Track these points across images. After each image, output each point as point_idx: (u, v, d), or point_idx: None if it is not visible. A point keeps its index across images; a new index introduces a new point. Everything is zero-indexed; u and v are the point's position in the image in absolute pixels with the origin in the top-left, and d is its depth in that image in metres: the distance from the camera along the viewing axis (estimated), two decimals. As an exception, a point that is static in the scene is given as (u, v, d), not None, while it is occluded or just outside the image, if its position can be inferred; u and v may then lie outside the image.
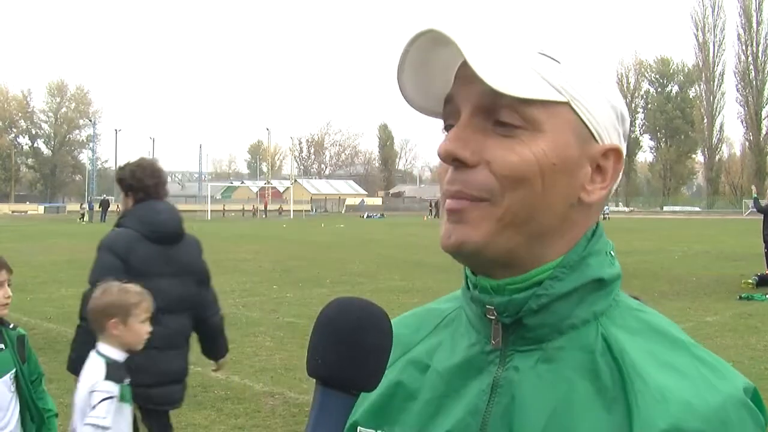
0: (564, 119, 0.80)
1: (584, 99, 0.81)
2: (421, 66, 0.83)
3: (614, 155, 0.84)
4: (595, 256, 0.84)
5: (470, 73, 0.77)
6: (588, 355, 0.80)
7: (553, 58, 0.82)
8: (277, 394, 6.53)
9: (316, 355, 0.75)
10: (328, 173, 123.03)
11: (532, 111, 0.79)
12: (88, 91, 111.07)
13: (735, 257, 20.04)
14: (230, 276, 15.88)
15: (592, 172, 0.83)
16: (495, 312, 0.83)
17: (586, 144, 0.82)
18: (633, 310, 0.85)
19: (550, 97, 0.79)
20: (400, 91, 0.85)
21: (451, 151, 0.80)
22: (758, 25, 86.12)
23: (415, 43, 0.80)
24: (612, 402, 0.77)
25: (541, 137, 0.79)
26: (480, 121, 0.81)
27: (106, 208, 53.92)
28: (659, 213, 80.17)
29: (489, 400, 0.82)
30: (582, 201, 0.82)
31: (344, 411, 0.74)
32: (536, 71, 0.80)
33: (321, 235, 33.40)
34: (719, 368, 0.79)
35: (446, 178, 0.82)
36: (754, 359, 7.81)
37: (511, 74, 0.78)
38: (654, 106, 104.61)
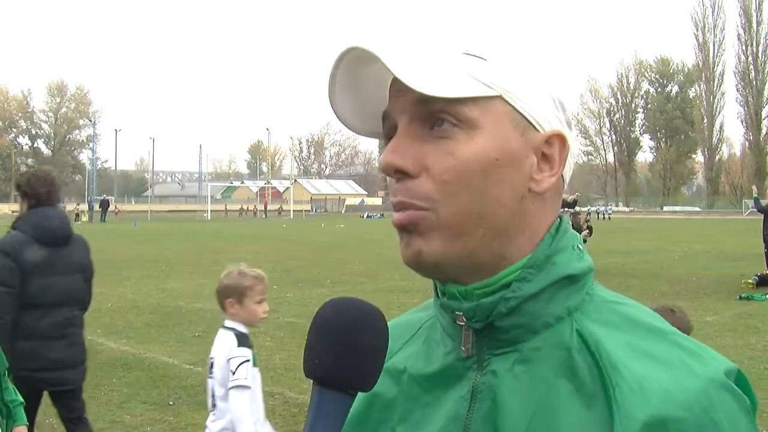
0: (499, 112, 0.79)
1: (516, 90, 0.80)
2: (353, 86, 0.83)
3: (558, 141, 0.82)
4: (561, 253, 0.82)
5: (400, 85, 0.77)
6: (564, 352, 0.79)
7: (479, 56, 0.81)
8: (277, 394, 6.53)
9: (313, 356, 0.74)
10: (328, 173, 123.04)
11: (465, 110, 0.78)
12: (88, 91, 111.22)
13: (735, 257, 20.03)
14: (230, 276, 15.90)
15: (538, 161, 0.81)
16: (464, 318, 0.82)
17: (526, 134, 0.80)
18: (608, 302, 0.84)
19: (480, 93, 0.78)
20: (336, 115, 0.84)
21: (390, 163, 0.79)
22: (758, 25, 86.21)
23: (341, 64, 0.80)
24: (591, 398, 0.76)
25: (477, 134, 0.78)
26: (417, 129, 0.80)
27: (106, 208, 53.96)
28: (659, 213, 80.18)
29: (470, 406, 0.81)
30: (532, 191, 0.81)
31: (342, 411, 0.74)
32: (464, 71, 0.79)
33: (321, 235, 33.41)
34: (699, 353, 0.78)
35: (390, 191, 0.82)
36: (754, 359, 7.81)
37: (437, 77, 0.77)
38: (654, 106, 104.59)
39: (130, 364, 7.60)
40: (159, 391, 6.61)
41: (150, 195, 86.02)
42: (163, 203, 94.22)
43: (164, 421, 5.81)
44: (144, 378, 7.08)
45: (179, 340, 8.84)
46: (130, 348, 8.41)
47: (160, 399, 6.37)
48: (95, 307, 12.21)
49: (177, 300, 12.23)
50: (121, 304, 11.75)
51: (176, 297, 12.61)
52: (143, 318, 10.46)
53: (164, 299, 12.36)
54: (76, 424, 4.56)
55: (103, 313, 10.84)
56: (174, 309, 11.30)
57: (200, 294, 13.06)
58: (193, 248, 24.13)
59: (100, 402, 6.29)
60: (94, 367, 7.52)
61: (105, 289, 13.52)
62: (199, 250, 23.07)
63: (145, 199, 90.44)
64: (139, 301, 12.12)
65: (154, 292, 13.18)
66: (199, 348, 8.32)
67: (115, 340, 8.82)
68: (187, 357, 7.92)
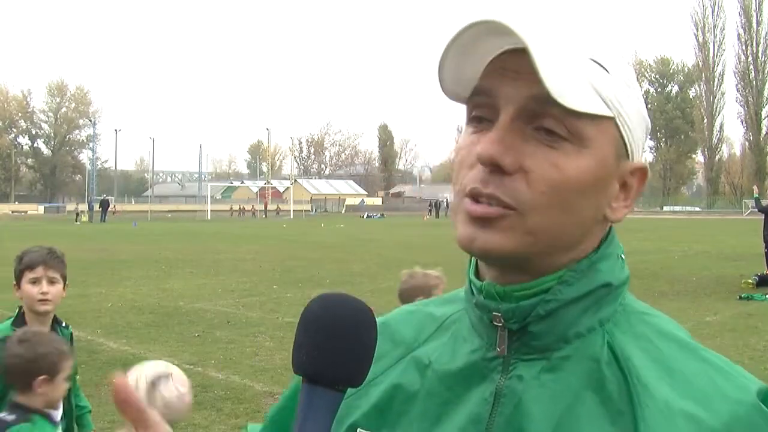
0: (608, 135, 0.77)
1: (627, 115, 0.78)
2: (464, 52, 0.78)
3: (640, 173, 0.82)
4: (605, 260, 0.82)
5: (516, 68, 0.75)
6: (593, 364, 0.78)
7: (604, 67, 0.78)
8: (277, 394, 6.52)
9: (301, 352, 0.74)
10: (328, 173, 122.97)
11: (581, 124, 0.75)
12: (88, 91, 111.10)
13: (735, 257, 20.04)
14: (230, 276, 15.89)
15: (618, 189, 0.81)
16: (502, 318, 0.81)
17: (620, 161, 0.79)
18: (639, 314, 0.83)
19: (601, 111, 0.76)
20: (438, 71, 0.80)
21: (493, 156, 0.75)
22: (758, 25, 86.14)
23: (470, 30, 0.75)
24: (617, 414, 0.75)
25: (585, 153, 0.76)
26: (521, 124, 0.76)
27: (106, 208, 53.89)
28: (659, 213, 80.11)
29: (492, 409, 0.80)
30: (606, 218, 0.81)
31: (331, 407, 0.73)
32: (588, 80, 0.76)
33: (321, 235, 33.39)
34: (729, 372, 0.77)
35: (476, 176, 0.78)
36: (754, 359, 7.81)
37: (567, 81, 0.73)
38: (654, 106, 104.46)
39: (130, 364, 7.53)
40: (159, 391, 6.59)
41: (150, 195, 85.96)
42: (163, 203, 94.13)
43: (164, 421, 5.80)
44: (144, 378, 7.07)
45: (179, 340, 8.83)
46: (130, 348, 8.40)
47: (160, 399, 6.36)
48: (95, 307, 12.32)
49: (177, 300, 12.23)
50: (121, 304, 11.74)
51: (176, 297, 12.61)
52: (143, 318, 10.46)
53: (164, 299, 12.36)
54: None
55: (103, 313, 10.84)
56: (174, 309, 11.30)
57: (200, 294, 13.06)
58: (193, 248, 24.11)
59: (100, 402, 6.28)
60: (94, 367, 7.53)
61: (105, 289, 13.54)
62: (199, 250, 23.06)
63: (145, 199, 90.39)
64: (139, 301, 12.12)
65: (154, 292, 13.17)
66: (199, 348, 8.32)
67: (115, 340, 8.81)
68: (187, 357, 7.91)
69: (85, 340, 8.79)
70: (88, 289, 13.51)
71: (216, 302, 12.04)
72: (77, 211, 53.86)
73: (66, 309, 11.14)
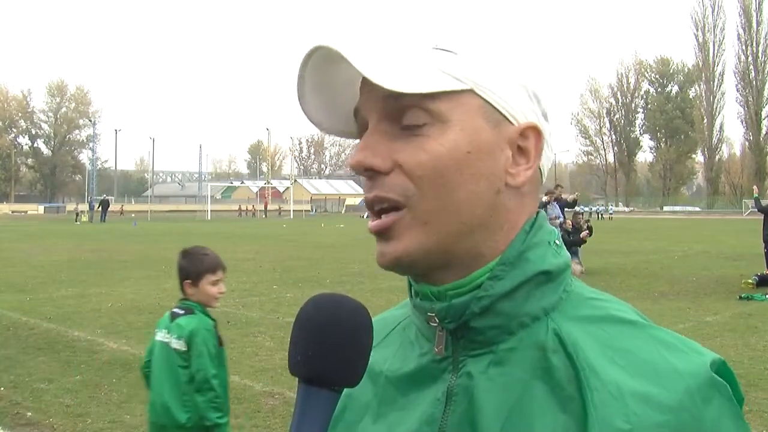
0: (470, 106, 0.78)
1: (488, 83, 0.79)
2: (323, 87, 0.82)
3: (533, 133, 0.81)
4: (534, 249, 0.80)
5: (369, 83, 0.76)
6: (540, 353, 0.77)
7: (449, 51, 0.80)
8: (277, 394, 6.52)
9: (296, 353, 0.74)
10: (328, 173, 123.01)
11: (436, 104, 0.77)
12: (88, 91, 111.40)
13: (735, 257, 20.01)
14: (230, 276, 15.79)
15: (513, 154, 0.80)
16: (437, 319, 0.80)
17: (500, 127, 0.79)
18: (586, 299, 0.82)
19: (450, 87, 0.77)
20: (306, 116, 0.83)
21: (361, 161, 0.77)
22: (758, 25, 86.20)
23: (309, 64, 0.78)
24: (567, 401, 0.74)
25: (449, 128, 0.77)
26: (388, 126, 0.78)
27: (106, 208, 53.88)
28: (659, 213, 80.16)
29: (444, 409, 0.79)
30: (509, 185, 0.79)
31: (328, 408, 0.73)
32: (434, 66, 0.78)
33: (321, 235, 33.40)
34: (680, 347, 0.76)
35: (364, 188, 0.81)
36: (754, 359, 7.79)
37: (407, 73, 0.76)
38: (654, 106, 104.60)
39: (130, 364, 7.59)
40: (159, 391, 6.59)
41: (150, 195, 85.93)
42: (163, 203, 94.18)
43: (164, 421, 5.80)
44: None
45: (179, 340, 8.81)
46: (130, 348, 8.40)
47: (160, 399, 6.36)
48: (95, 307, 12.31)
49: (177, 300, 12.21)
50: (121, 304, 11.74)
51: (176, 297, 12.49)
52: (143, 318, 10.45)
53: (164, 299, 12.34)
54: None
55: (103, 313, 10.83)
56: (174, 309, 11.29)
57: (200, 294, 13.05)
58: (193, 248, 24.06)
59: (100, 402, 6.29)
60: (94, 367, 7.52)
61: (105, 289, 13.53)
62: (199, 250, 23.01)
63: (145, 199, 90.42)
64: (139, 301, 12.10)
65: (154, 292, 13.16)
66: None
67: (115, 340, 8.81)
68: (187, 357, 7.90)
69: (85, 340, 8.79)
70: (88, 289, 13.51)
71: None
72: (77, 211, 53.86)
73: (66, 309, 11.17)
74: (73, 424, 5.68)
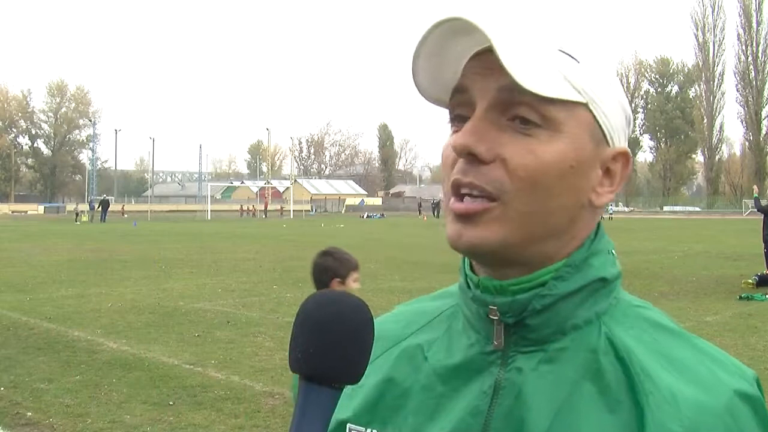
0: (582, 120, 0.80)
1: (601, 100, 0.81)
2: (436, 54, 0.81)
3: (623, 159, 0.84)
4: (597, 256, 0.83)
5: (489, 65, 0.76)
6: (591, 355, 0.80)
7: (573, 57, 0.80)
8: (277, 394, 6.53)
9: (296, 350, 0.74)
10: (328, 173, 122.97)
11: (553, 110, 0.77)
12: (88, 91, 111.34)
13: (735, 257, 20.03)
14: (230, 276, 15.89)
15: (602, 175, 0.82)
16: (498, 312, 0.82)
17: (599, 147, 0.81)
18: (634, 306, 0.85)
19: (572, 97, 0.78)
20: (413, 77, 0.82)
21: (467, 145, 0.77)
22: (758, 25, 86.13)
23: (436, 30, 0.77)
24: (616, 402, 0.76)
25: (559, 138, 0.78)
26: (496, 115, 0.79)
27: (106, 207, 53.87)
28: (659, 213, 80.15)
29: (491, 402, 0.81)
30: (592, 203, 0.82)
31: (329, 406, 0.73)
32: (558, 69, 0.79)
33: (321, 236, 33.40)
34: (724, 361, 0.80)
35: (456, 169, 0.80)
36: (754, 359, 7.80)
37: (535, 70, 0.76)
38: (654, 106, 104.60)
39: (130, 364, 7.60)
40: (159, 391, 6.60)
41: (150, 195, 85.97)
42: (163, 203, 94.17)
43: (164, 421, 5.80)
44: (144, 378, 7.08)
45: (179, 340, 8.83)
46: (130, 348, 8.40)
47: (160, 399, 6.37)
48: (95, 307, 12.32)
49: (177, 300, 12.22)
50: (121, 304, 11.74)
51: (176, 297, 12.60)
52: (143, 318, 10.46)
53: (164, 299, 12.36)
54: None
55: (103, 313, 10.84)
56: (174, 309, 11.30)
57: (200, 294, 13.06)
58: (193, 248, 24.11)
59: (100, 402, 6.29)
60: (95, 367, 7.53)
61: (105, 289, 13.54)
62: (199, 250, 23.06)
63: (145, 199, 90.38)
64: (139, 301, 12.11)
65: (154, 292, 13.17)
66: (199, 348, 8.32)
67: (115, 340, 8.81)
68: (187, 357, 7.91)
69: (85, 340, 8.80)
70: (88, 289, 13.52)
71: (216, 302, 12.04)
72: (77, 211, 53.86)
73: (66, 309, 11.17)
74: (73, 424, 5.68)
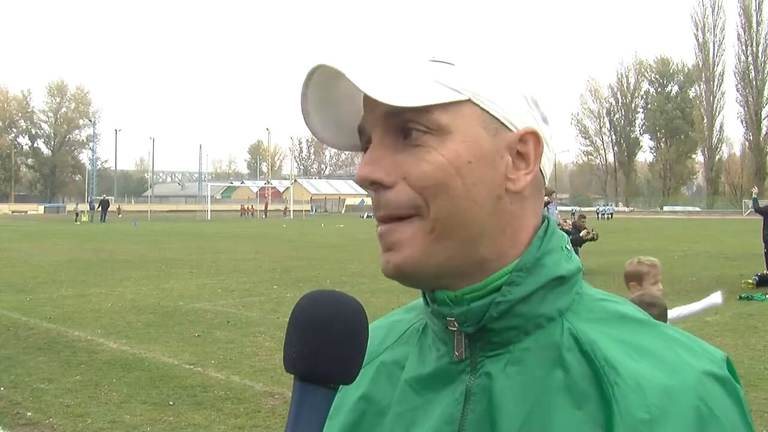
0: (469, 116, 0.80)
1: (485, 92, 0.81)
2: (327, 103, 0.83)
3: (532, 138, 0.82)
4: (549, 255, 0.83)
5: (371, 99, 0.77)
6: (555, 352, 0.80)
7: (447, 62, 0.82)
8: (277, 394, 6.52)
9: (291, 350, 0.73)
10: (328, 173, 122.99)
11: (435, 116, 0.78)
12: (88, 91, 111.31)
13: (735, 257, 20.02)
14: (230, 276, 15.89)
15: (513, 160, 0.82)
16: (456, 323, 0.82)
17: (498, 134, 0.81)
18: (597, 300, 0.85)
19: (448, 98, 0.79)
20: (312, 132, 0.85)
21: (365, 176, 0.79)
22: (758, 25, 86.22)
23: (311, 83, 0.80)
24: (583, 397, 0.76)
25: (449, 139, 0.79)
26: (391, 140, 0.80)
27: (106, 207, 53.88)
28: (659, 213, 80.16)
29: (463, 408, 0.81)
30: (509, 190, 0.81)
31: (324, 406, 0.73)
32: (432, 78, 0.80)
33: (321, 235, 33.39)
34: (690, 345, 0.79)
35: (373, 204, 0.82)
36: (754, 359, 7.79)
37: (405, 87, 0.78)
38: (654, 106, 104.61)
39: (130, 364, 7.59)
40: (159, 391, 6.60)
41: (150, 195, 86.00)
42: (163, 203, 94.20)
43: (164, 421, 5.80)
44: (144, 378, 7.08)
45: (179, 340, 8.82)
46: (130, 348, 8.40)
47: (160, 399, 6.37)
48: (95, 307, 12.31)
49: (177, 300, 12.22)
50: (121, 304, 11.74)
51: (176, 297, 12.60)
52: (143, 318, 10.46)
53: (164, 299, 12.36)
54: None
55: (103, 313, 10.84)
56: (174, 309, 11.29)
57: (200, 294, 13.06)
58: (193, 248, 24.10)
59: (100, 402, 6.29)
60: (94, 367, 7.53)
61: (105, 289, 13.54)
62: (199, 250, 23.05)
63: (145, 199, 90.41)
64: (139, 301, 12.11)
65: (154, 292, 13.17)
66: (199, 348, 8.32)
67: (115, 340, 8.81)
68: (187, 357, 7.90)
69: (85, 340, 8.79)
70: (88, 289, 13.52)
71: (216, 302, 12.04)
72: (77, 211, 53.87)
73: (66, 309, 11.17)
74: (73, 424, 5.68)
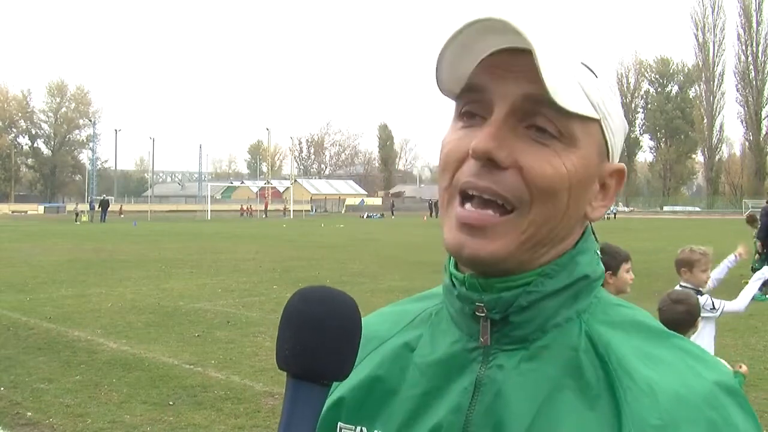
0: (594, 136, 0.80)
1: (611, 118, 0.82)
2: (463, 49, 0.79)
3: (618, 175, 0.85)
4: (584, 254, 0.84)
5: (510, 67, 0.77)
6: (571, 352, 0.80)
7: (593, 71, 0.81)
8: (277, 394, 6.52)
9: (284, 347, 0.73)
10: (328, 173, 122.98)
11: (571, 124, 0.78)
12: (88, 91, 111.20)
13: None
14: (230, 276, 15.89)
15: (597, 190, 0.84)
16: (485, 309, 0.82)
17: (602, 162, 0.82)
18: (614, 305, 0.86)
19: (590, 113, 0.79)
20: (437, 66, 0.80)
21: (488, 150, 0.77)
22: (758, 25, 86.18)
23: (471, 27, 0.76)
24: (595, 399, 0.77)
25: (574, 152, 0.79)
26: (514, 121, 0.78)
27: (106, 207, 53.85)
28: (659, 213, 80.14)
29: (472, 399, 0.81)
30: (587, 216, 0.84)
31: (317, 403, 0.73)
32: (579, 83, 0.79)
33: (321, 235, 33.40)
34: (704, 357, 0.80)
35: (468, 171, 0.79)
36: (754, 359, 7.80)
37: (562, 83, 0.76)
38: (654, 106, 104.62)
39: (130, 364, 7.60)
40: (159, 391, 6.60)
41: (150, 195, 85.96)
42: (163, 203, 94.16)
43: (164, 421, 5.80)
44: (144, 378, 7.08)
45: (179, 340, 8.83)
46: (130, 348, 8.40)
47: (160, 399, 6.37)
48: (95, 307, 12.31)
49: (177, 300, 12.22)
50: (121, 304, 11.74)
51: (176, 297, 12.60)
52: (143, 318, 10.46)
53: (164, 299, 12.36)
54: None
55: (103, 313, 10.84)
56: (174, 309, 11.30)
57: (200, 294, 13.06)
58: (193, 248, 24.11)
59: (100, 402, 6.29)
60: (94, 367, 7.53)
61: (105, 289, 13.55)
62: (199, 250, 23.06)
63: (145, 199, 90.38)
64: (139, 301, 12.11)
65: (154, 292, 13.17)
66: (199, 348, 8.32)
67: (115, 340, 8.81)
68: (187, 357, 7.91)
69: (85, 340, 8.80)
70: (88, 289, 13.52)
71: (216, 302, 12.04)
72: (77, 211, 53.84)
73: (66, 309, 11.18)
74: (73, 424, 5.69)
